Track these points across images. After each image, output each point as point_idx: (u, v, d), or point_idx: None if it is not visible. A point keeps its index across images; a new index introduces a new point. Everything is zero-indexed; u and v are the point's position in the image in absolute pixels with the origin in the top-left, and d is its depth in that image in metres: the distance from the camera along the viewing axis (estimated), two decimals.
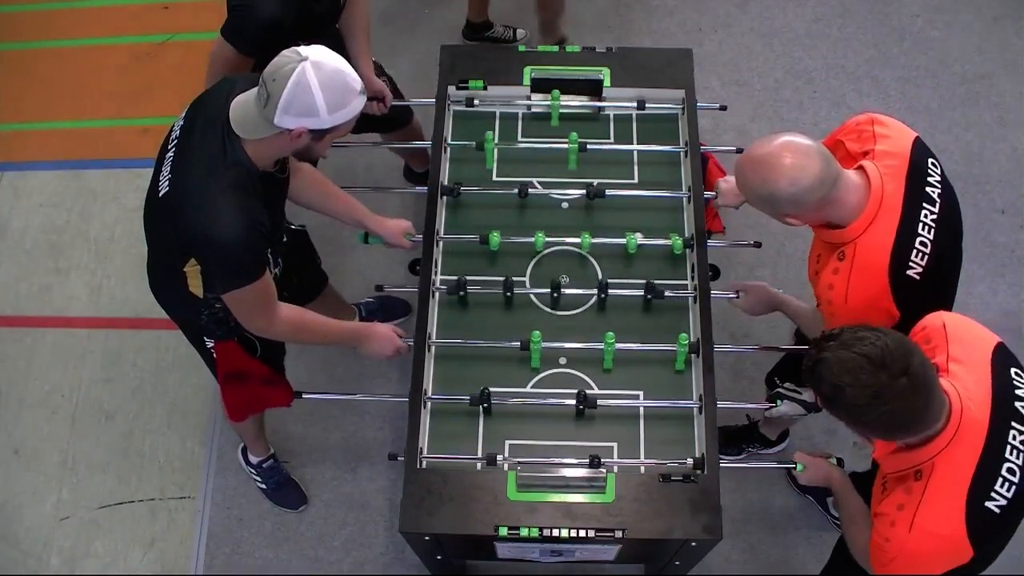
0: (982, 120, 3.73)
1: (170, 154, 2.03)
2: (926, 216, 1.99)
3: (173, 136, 2.06)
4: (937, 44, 3.91)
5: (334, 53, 1.89)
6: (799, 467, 2.22)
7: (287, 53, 1.85)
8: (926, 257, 1.98)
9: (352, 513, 3.05)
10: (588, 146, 2.63)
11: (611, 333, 2.32)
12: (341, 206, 2.44)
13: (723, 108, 2.90)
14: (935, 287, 2.04)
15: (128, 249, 3.56)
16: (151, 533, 3.07)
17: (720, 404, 2.30)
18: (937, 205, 2.00)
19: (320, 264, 2.85)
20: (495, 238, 2.49)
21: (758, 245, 2.77)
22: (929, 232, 1.98)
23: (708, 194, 2.61)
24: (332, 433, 3.17)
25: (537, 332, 2.33)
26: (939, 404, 1.66)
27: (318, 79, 1.82)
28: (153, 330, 3.40)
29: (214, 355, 2.40)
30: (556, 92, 2.70)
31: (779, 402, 2.40)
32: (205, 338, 2.37)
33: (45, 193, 3.73)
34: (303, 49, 1.85)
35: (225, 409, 2.62)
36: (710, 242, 2.53)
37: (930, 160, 2.04)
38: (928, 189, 2.01)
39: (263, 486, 3.04)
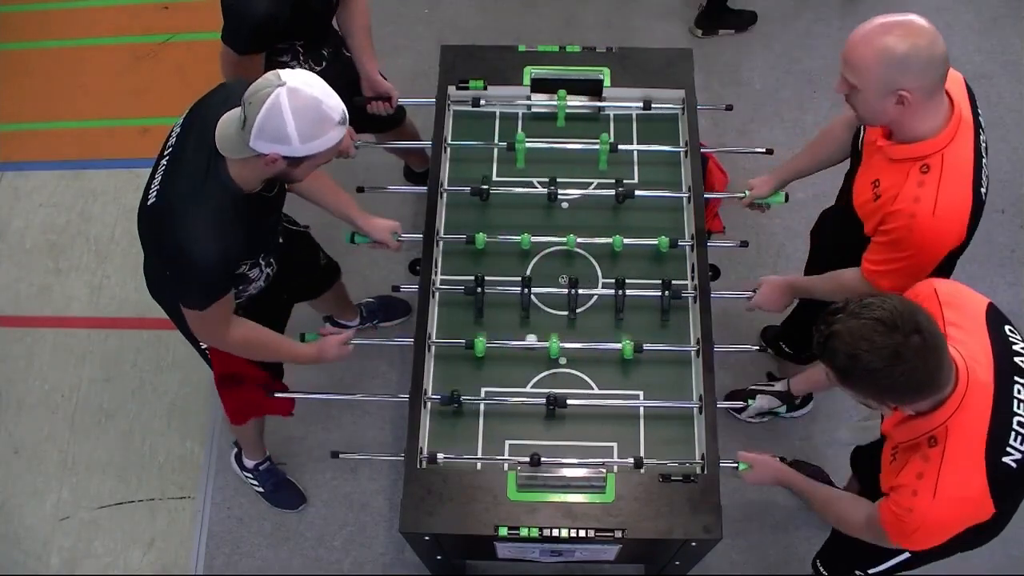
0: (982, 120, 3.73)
1: (164, 161, 2.02)
2: (983, 140, 2.04)
3: (170, 142, 2.05)
4: None
5: (317, 80, 1.84)
6: (741, 466, 2.23)
7: (268, 75, 1.81)
8: (987, 179, 2.02)
9: (352, 513, 3.05)
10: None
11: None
12: (332, 199, 2.44)
13: (729, 108, 2.93)
14: (982, 216, 2.07)
15: (128, 249, 3.56)
16: (151, 533, 3.07)
17: (720, 404, 2.30)
18: (984, 133, 2.07)
19: (320, 263, 2.83)
20: (481, 237, 2.50)
21: (744, 244, 2.76)
22: (986, 155, 2.03)
23: (708, 195, 2.62)
24: (332, 433, 3.17)
25: (482, 336, 2.34)
26: (949, 364, 1.69)
27: (291, 106, 1.77)
28: (153, 330, 3.40)
29: (209, 355, 2.41)
30: (562, 92, 2.69)
31: (750, 401, 2.42)
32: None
33: (45, 193, 3.73)
34: (284, 73, 1.81)
35: (225, 412, 2.62)
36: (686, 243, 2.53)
37: (973, 91, 2.10)
38: (980, 118, 2.07)
39: (260, 489, 3.03)
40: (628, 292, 2.44)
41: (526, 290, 2.44)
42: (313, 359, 2.37)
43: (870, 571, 2.21)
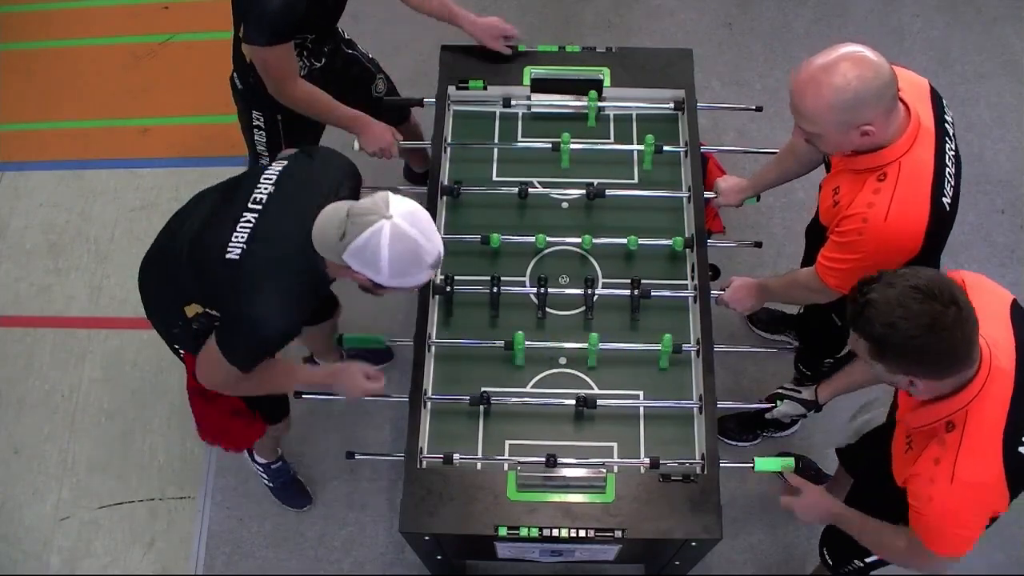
0: (982, 120, 3.73)
1: (250, 216, 1.97)
2: (949, 148, 2.01)
3: (257, 196, 2.00)
4: (937, 44, 3.91)
5: (422, 217, 1.86)
6: (780, 464, 2.26)
7: (378, 199, 1.83)
8: (952, 189, 1.99)
9: (352, 513, 3.05)
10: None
11: (595, 335, 2.32)
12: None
13: (759, 109, 2.93)
14: (949, 226, 2.05)
15: (128, 249, 3.56)
16: (151, 533, 3.07)
17: (720, 404, 2.30)
18: (954, 141, 2.03)
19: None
20: (495, 238, 2.49)
21: (759, 245, 2.78)
22: (952, 164, 2.00)
23: (708, 194, 2.62)
24: (332, 433, 3.17)
25: (521, 333, 2.33)
26: (977, 345, 1.67)
27: (391, 243, 1.80)
28: (153, 330, 3.39)
29: (184, 362, 2.36)
30: (593, 93, 2.69)
31: (779, 402, 2.40)
32: (176, 346, 2.34)
33: (45, 193, 3.73)
34: (394, 201, 1.83)
35: (195, 422, 2.53)
36: (709, 242, 2.54)
37: (941, 97, 2.07)
38: (947, 125, 2.03)
39: (270, 484, 3.03)
40: (612, 292, 2.45)
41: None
42: (324, 381, 2.32)
43: (867, 560, 2.21)
